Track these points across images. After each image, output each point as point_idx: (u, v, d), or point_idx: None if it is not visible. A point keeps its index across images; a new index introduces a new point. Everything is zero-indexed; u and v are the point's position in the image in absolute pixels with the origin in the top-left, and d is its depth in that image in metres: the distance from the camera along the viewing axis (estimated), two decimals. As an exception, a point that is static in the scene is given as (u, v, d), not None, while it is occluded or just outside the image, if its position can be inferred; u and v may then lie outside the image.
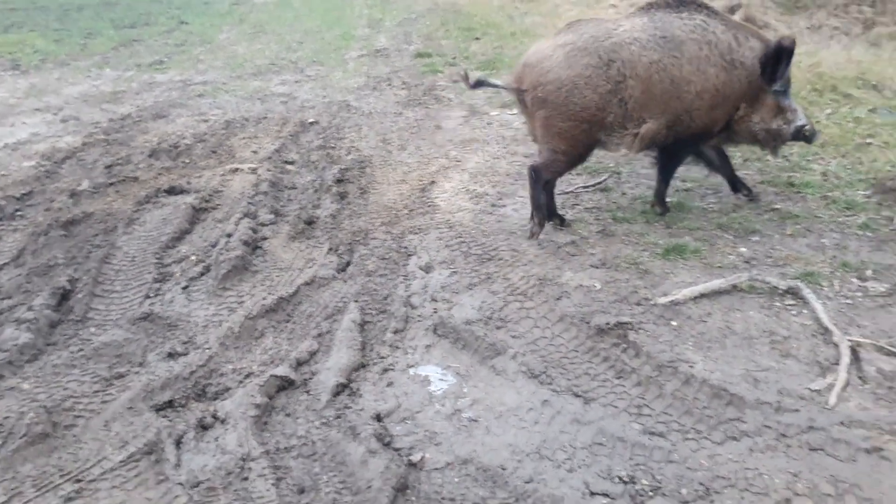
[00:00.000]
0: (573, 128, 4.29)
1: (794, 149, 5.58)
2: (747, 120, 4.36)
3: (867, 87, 6.80)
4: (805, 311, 3.51)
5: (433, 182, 5.55)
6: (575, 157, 4.46)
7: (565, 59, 4.25)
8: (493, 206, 5.04)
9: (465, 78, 4.58)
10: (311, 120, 7.33)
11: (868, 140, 5.59)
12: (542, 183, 4.47)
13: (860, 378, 3.04)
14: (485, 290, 4.02)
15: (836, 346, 3.22)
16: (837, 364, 3.10)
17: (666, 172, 4.69)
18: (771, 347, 3.29)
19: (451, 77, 8.74)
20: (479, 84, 4.59)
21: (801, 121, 4.36)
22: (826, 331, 3.32)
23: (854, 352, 3.17)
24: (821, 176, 5.03)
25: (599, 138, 4.38)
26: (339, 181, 5.69)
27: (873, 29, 8.93)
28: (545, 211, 4.55)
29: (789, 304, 3.59)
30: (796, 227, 4.37)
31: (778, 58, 4.16)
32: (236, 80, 9.27)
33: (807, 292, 3.58)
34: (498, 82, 4.70)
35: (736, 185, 4.84)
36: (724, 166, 4.82)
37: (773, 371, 3.13)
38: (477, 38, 11.05)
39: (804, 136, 4.41)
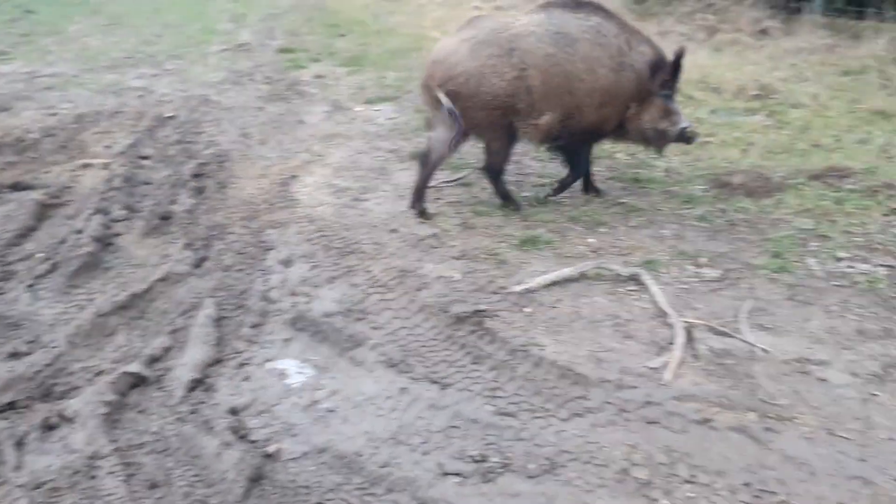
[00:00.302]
0: (489, 116, 4.50)
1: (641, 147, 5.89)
2: (637, 119, 4.64)
3: (708, 89, 7.26)
4: (645, 296, 3.74)
5: (294, 176, 5.53)
6: (505, 143, 4.66)
7: (470, 52, 4.44)
8: (356, 200, 5.07)
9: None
10: (168, 114, 7.13)
11: (708, 139, 5.97)
12: (498, 176, 4.78)
13: (693, 356, 3.27)
14: (345, 282, 4.06)
15: (672, 327, 3.44)
16: (673, 343, 3.32)
17: (577, 168, 4.94)
18: (614, 330, 3.49)
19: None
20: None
21: (684, 123, 4.68)
22: (663, 313, 3.55)
23: (688, 332, 3.40)
24: (664, 172, 5.34)
25: (513, 124, 4.57)
26: (196, 176, 5.57)
27: (716, 35, 9.52)
28: (513, 198, 4.86)
29: (631, 290, 3.81)
30: (640, 219, 4.63)
31: (676, 68, 4.51)
32: (89, 73, 8.87)
33: (647, 278, 3.81)
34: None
35: (587, 186, 5.06)
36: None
37: (615, 351, 3.32)
38: (342, 35, 11.03)
39: (686, 137, 4.73)
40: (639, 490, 2.57)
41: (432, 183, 5.22)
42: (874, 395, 3.00)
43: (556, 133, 4.61)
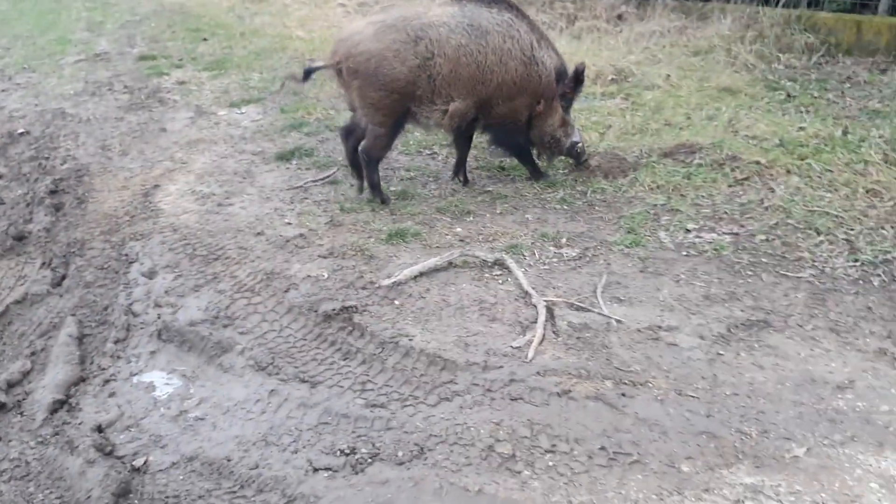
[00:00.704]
0: (384, 98, 4.58)
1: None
2: (542, 119, 4.83)
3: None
4: (509, 280, 3.85)
5: (157, 186, 5.40)
6: (392, 126, 4.73)
7: (375, 34, 4.55)
8: (220, 205, 5.00)
9: (293, 78, 5.23)
10: (20, 130, 6.82)
11: (568, 123, 6.16)
12: (375, 163, 4.83)
13: (554, 332, 3.39)
14: (211, 289, 4.00)
15: (534, 306, 3.56)
16: (535, 322, 3.43)
17: (521, 157, 5.18)
18: (480, 314, 3.58)
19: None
20: (308, 74, 4.91)
21: (576, 138, 4.91)
22: (526, 294, 3.67)
23: (549, 310, 3.53)
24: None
25: (411, 110, 4.69)
26: (53, 192, 5.37)
27: (575, 23, 9.82)
28: (381, 191, 4.93)
29: (497, 275, 3.92)
30: (505, 206, 4.75)
31: (578, 80, 4.79)
32: (-71, 90, 8.38)
33: (510, 262, 3.92)
34: (320, 63, 4.92)
35: (459, 171, 5.17)
36: (464, 151, 5.20)
37: (481, 335, 3.41)
38: (205, 39, 10.77)
39: (576, 152, 4.99)
40: (503, 464, 2.66)
41: (299, 183, 5.22)
42: (720, 354, 3.19)
43: (469, 120, 4.80)
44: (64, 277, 4.25)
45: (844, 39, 8.08)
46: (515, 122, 4.87)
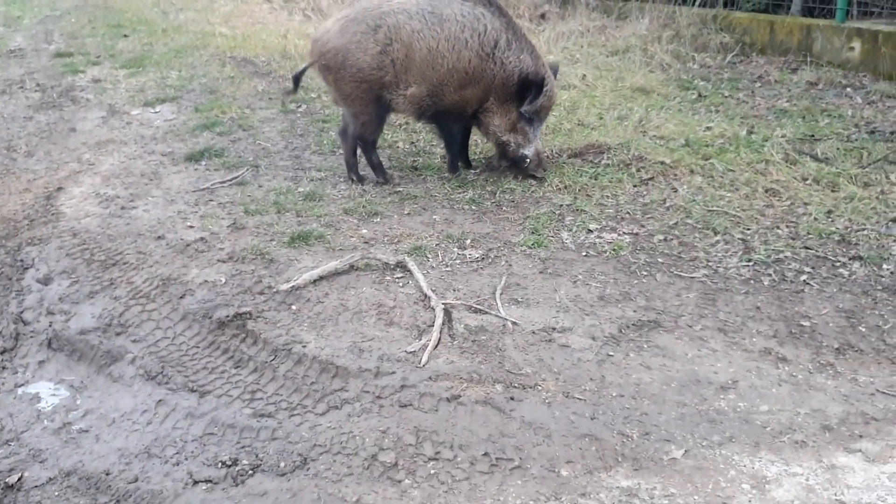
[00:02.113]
0: (356, 88, 4.86)
1: (422, 135, 6.03)
2: (490, 116, 4.83)
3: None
4: (410, 282, 3.83)
5: (60, 188, 5.25)
6: (373, 115, 4.95)
7: (340, 30, 4.84)
8: (123, 208, 4.88)
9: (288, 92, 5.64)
10: (-81, 131, 6.56)
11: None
12: (371, 145, 5.08)
13: (450, 336, 3.39)
14: (107, 296, 3.91)
15: (433, 309, 3.55)
16: (432, 326, 3.43)
17: (448, 146, 5.20)
18: (378, 318, 3.55)
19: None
20: (296, 80, 5.33)
21: (526, 151, 4.86)
22: (426, 297, 3.65)
23: (447, 313, 3.52)
24: (440, 159, 5.47)
25: (384, 97, 4.88)
26: (-52, 195, 5.17)
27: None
28: (384, 170, 5.17)
29: (398, 277, 3.90)
30: (414, 206, 4.74)
31: (524, 87, 4.70)
32: None
33: (412, 264, 3.90)
34: (303, 66, 5.35)
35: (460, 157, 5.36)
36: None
37: (377, 340, 3.39)
38: (126, 36, 10.53)
39: (523, 165, 4.95)
40: (384, 474, 2.64)
41: (206, 184, 5.13)
42: (609, 355, 3.23)
43: (426, 106, 4.84)
44: (-48, 285, 4.10)
45: (758, 39, 8.27)
46: (461, 111, 4.91)
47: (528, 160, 4.92)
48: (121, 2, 13.64)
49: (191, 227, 4.56)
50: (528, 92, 4.72)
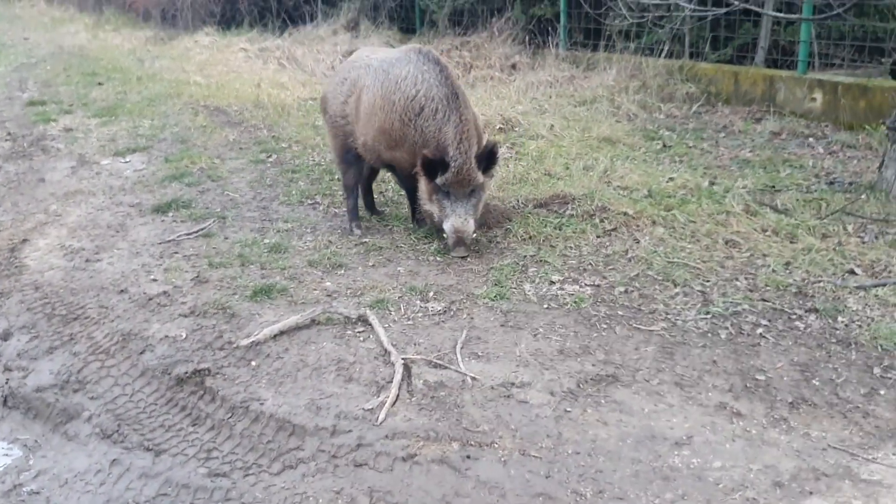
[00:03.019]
0: (331, 134, 5.29)
1: (390, 185, 6.08)
2: (419, 181, 4.72)
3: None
4: (371, 337, 3.83)
5: (25, 241, 5.23)
6: (346, 161, 5.19)
7: (330, 80, 5.27)
8: (88, 261, 4.86)
9: None
10: None
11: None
12: (347, 191, 5.25)
13: (409, 392, 3.38)
14: (66, 352, 3.89)
15: (393, 365, 3.55)
16: (392, 382, 3.42)
17: (410, 198, 5.22)
18: (337, 374, 3.55)
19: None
20: None
21: (444, 225, 4.63)
22: (386, 352, 3.65)
23: (407, 368, 3.52)
24: (406, 209, 5.51)
25: (350, 144, 5.08)
26: None
27: (471, 72, 10.01)
28: (355, 219, 5.26)
29: (359, 332, 3.90)
30: (378, 258, 4.76)
31: (425, 162, 4.50)
32: None
33: (373, 318, 3.91)
34: None
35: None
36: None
37: (335, 397, 3.38)
38: (100, 84, 10.59)
39: (443, 236, 4.77)
40: (336, 536, 2.62)
41: (172, 236, 5.13)
42: (567, 411, 3.23)
43: (375, 159, 4.98)
44: None
45: (723, 89, 8.45)
46: (401, 170, 4.95)
47: (447, 235, 4.68)
48: (97, 49, 13.73)
49: (154, 280, 4.55)
50: (432, 167, 4.51)
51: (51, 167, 6.94)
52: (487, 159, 4.64)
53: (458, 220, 4.59)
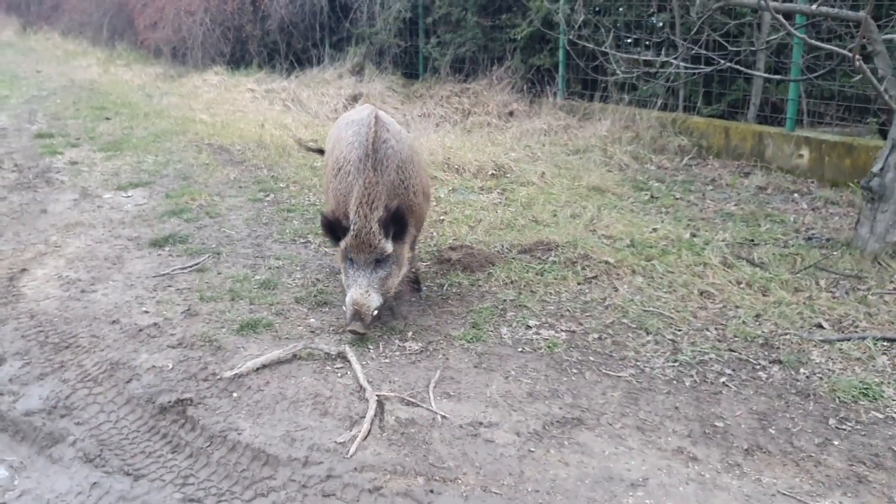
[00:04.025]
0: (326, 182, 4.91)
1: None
2: None
3: (451, 169, 7.82)
4: (349, 373, 3.98)
5: (24, 270, 5.40)
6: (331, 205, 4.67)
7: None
8: (83, 291, 5.03)
9: None
10: None
11: (442, 217, 6.43)
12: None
13: (381, 427, 3.52)
14: (56, 378, 4.02)
15: (367, 400, 3.69)
16: (364, 417, 3.56)
17: None
18: (313, 408, 3.68)
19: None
20: None
21: (346, 295, 4.29)
22: (361, 388, 3.80)
23: (380, 404, 3.66)
24: (395, 250, 5.68)
25: None
26: (-87, 274, 5.31)
27: (469, 118, 10.27)
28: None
29: (338, 367, 4.04)
30: (362, 298, 4.91)
31: (328, 226, 4.33)
32: None
33: (351, 355, 4.06)
34: None
35: None
36: None
37: (310, 429, 3.51)
38: (108, 118, 10.87)
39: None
40: (298, 562, 2.74)
41: (166, 270, 5.29)
42: (531, 451, 3.36)
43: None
44: None
45: (715, 143, 8.67)
46: None
47: (345, 309, 4.33)
48: (107, 84, 14.07)
49: (146, 312, 4.71)
50: (330, 228, 4.32)
51: (54, 199, 7.15)
52: (393, 224, 4.24)
53: (357, 291, 4.22)
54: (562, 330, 4.47)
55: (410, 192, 4.48)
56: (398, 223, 4.27)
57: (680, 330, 4.43)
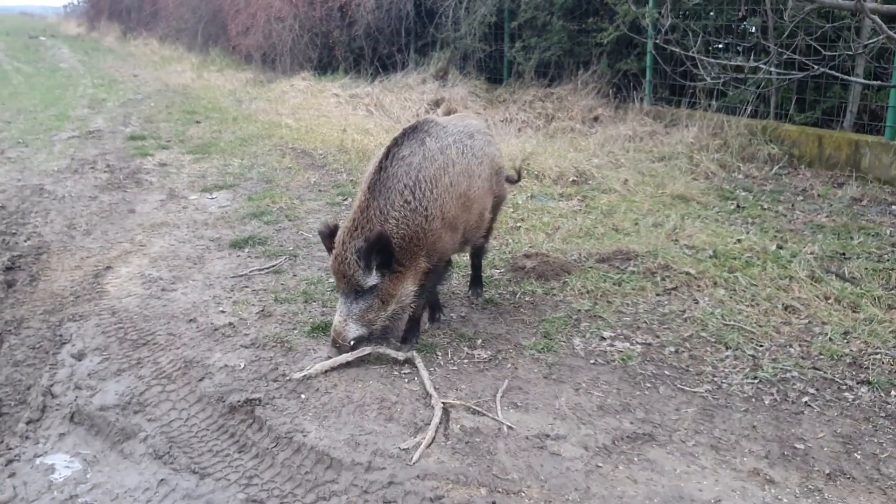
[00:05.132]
0: None
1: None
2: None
3: (531, 175, 7.72)
4: (416, 379, 3.94)
5: (109, 267, 5.57)
6: None
7: None
8: (164, 290, 5.15)
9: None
10: (-4, 205, 7.07)
11: (519, 224, 6.36)
12: None
13: (445, 435, 3.47)
14: (132, 374, 4.12)
15: (433, 408, 3.64)
16: (430, 424, 3.52)
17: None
18: (378, 413, 3.66)
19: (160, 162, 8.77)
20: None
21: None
22: (428, 395, 3.76)
23: (446, 412, 3.61)
24: (466, 258, 5.62)
25: None
26: (8, 269, 5.55)
27: (552, 123, 10.15)
28: None
29: (405, 373, 4.02)
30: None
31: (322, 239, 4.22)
32: (-76, 161, 8.71)
33: (419, 361, 4.02)
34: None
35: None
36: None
37: (374, 434, 3.49)
38: (198, 122, 11.18)
39: None
40: (355, 569, 2.71)
41: (245, 271, 5.38)
42: (598, 466, 3.25)
43: None
44: (-5, 355, 4.38)
45: (807, 152, 8.32)
46: None
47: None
48: (199, 88, 14.50)
49: (222, 311, 4.79)
50: (324, 242, 4.19)
51: (142, 199, 7.38)
52: (377, 255, 3.87)
53: (336, 318, 4.08)
54: (637, 342, 4.34)
55: (420, 215, 3.94)
56: (381, 253, 3.86)
57: (761, 345, 4.23)
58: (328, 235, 4.10)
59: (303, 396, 3.84)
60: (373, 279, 3.95)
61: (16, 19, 57.25)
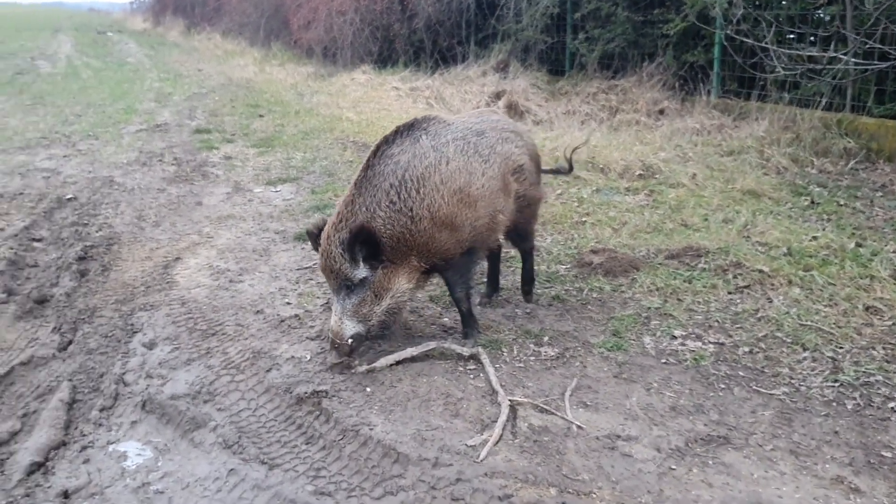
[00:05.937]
0: None
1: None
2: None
3: (596, 169, 7.60)
4: (481, 375, 3.89)
5: (178, 258, 5.65)
6: None
7: None
8: (231, 281, 5.20)
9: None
10: (69, 196, 7.24)
11: (584, 219, 6.25)
12: None
13: (512, 433, 3.41)
14: (202, 364, 4.16)
15: (499, 405, 3.59)
16: (496, 421, 3.47)
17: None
18: (444, 408, 3.63)
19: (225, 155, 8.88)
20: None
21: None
22: (494, 392, 3.70)
23: (513, 410, 3.56)
24: (535, 252, 5.55)
25: None
26: (81, 259, 5.67)
27: (616, 115, 9.98)
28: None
29: (471, 369, 3.97)
30: (498, 298, 4.82)
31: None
32: (0, 153, 8.97)
33: (484, 358, 3.97)
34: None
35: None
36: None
37: (440, 430, 3.46)
38: (261, 116, 11.30)
39: None
40: (424, 567, 2.68)
41: (309, 263, 5.40)
42: (672, 468, 3.16)
43: None
44: (70, 342, 4.47)
45: (887, 146, 8.00)
46: None
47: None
48: (262, 82, 14.66)
49: (288, 303, 4.82)
50: (311, 242, 4.15)
51: (209, 192, 7.48)
52: (361, 246, 3.80)
53: (332, 318, 3.95)
54: (709, 342, 4.22)
55: (405, 216, 3.84)
56: (366, 245, 3.79)
57: (841, 347, 4.07)
58: (316, 236, 4.01)
59: (368, 389, 3.82)
60: (361, 271, 3.87)
61: (84, 15, 58.94)
